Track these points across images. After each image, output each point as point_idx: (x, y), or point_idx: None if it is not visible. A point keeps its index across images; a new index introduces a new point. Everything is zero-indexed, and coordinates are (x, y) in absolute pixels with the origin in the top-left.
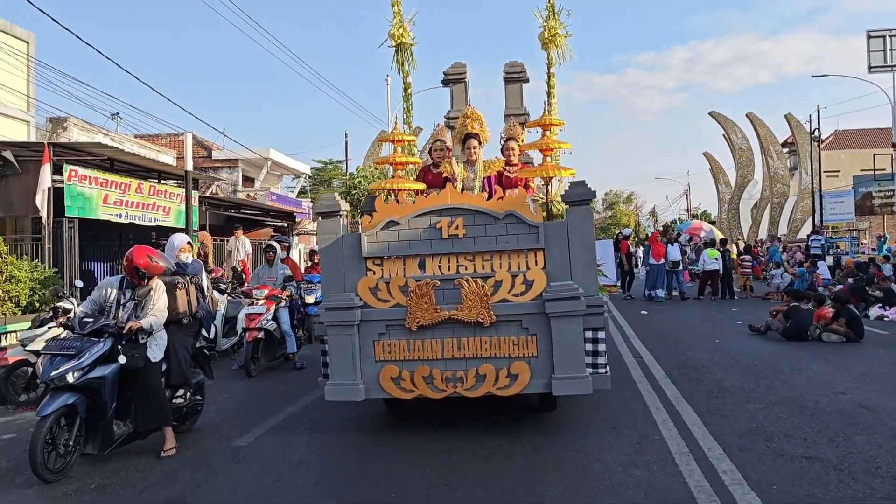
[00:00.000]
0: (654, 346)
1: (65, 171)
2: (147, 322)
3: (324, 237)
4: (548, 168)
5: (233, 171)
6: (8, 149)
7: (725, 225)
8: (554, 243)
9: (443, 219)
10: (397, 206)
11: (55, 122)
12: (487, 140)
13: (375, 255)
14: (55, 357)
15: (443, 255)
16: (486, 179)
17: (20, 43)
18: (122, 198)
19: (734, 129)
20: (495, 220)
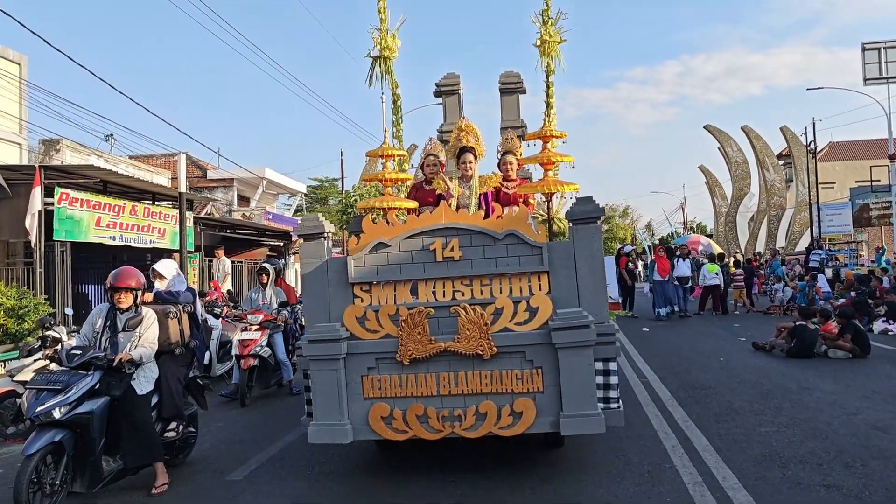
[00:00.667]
0: (659, 366)
1: (56, 193)
2: (137, 353)
3: (306, 261)
4: (549, 183)
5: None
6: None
7: (723, 238)
8: (559, 266)
9: (437, 240)
10: (386, 227)
11: (48, 145)
12: (483, 154)
13: (363, 281)
14: (41, 392)
15: (437, 279)
16: (483, 196)
17: (13, 65)
18: (115, 220)
19: (729, 142)
20: (494, 241)
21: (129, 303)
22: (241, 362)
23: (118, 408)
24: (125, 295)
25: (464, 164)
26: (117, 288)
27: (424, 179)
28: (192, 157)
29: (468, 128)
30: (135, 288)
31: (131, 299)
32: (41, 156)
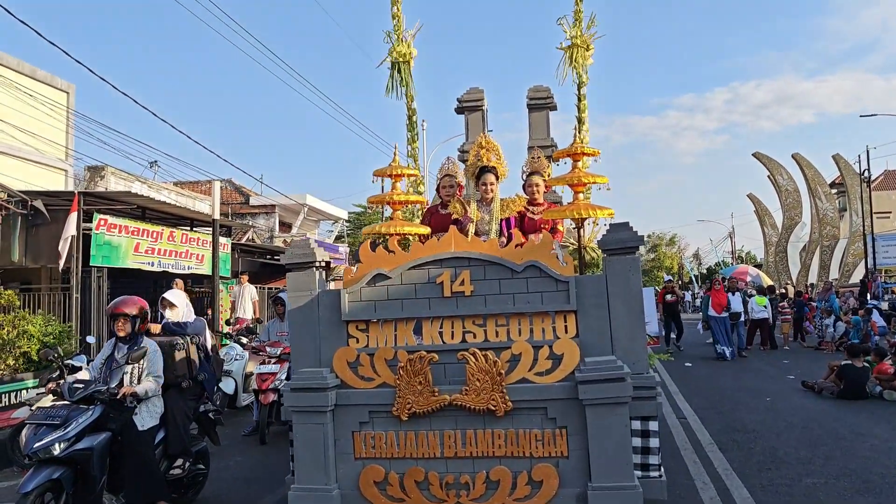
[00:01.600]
0: (700, 405)
1: (94, 220)
2: (142, 388)
3: (294, 295)
4: (579, 207)
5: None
6: (38, 198)
7: (773, 269)
8: (590, 304)
9: (445, 271)
10: (387, 256)
11: (93, 171)
12: (506, 175)
13: (358, 319)
14: (39, 427)
15: (445, 318)
16: (504, 222)
17: (61, 94)
18: (153, 246)
19: (779, 171)
20: (513, 274)
21: (128, 330)
22: (260, 397)
23: (120, 443)
24: (123, 322)
25: (483, 185)
26: (115, 315)
27: (440, 203)
28: (235, 184)
29: (489, 145)
30: (133, 315)
31: (130, 327)
32: (86, 182)
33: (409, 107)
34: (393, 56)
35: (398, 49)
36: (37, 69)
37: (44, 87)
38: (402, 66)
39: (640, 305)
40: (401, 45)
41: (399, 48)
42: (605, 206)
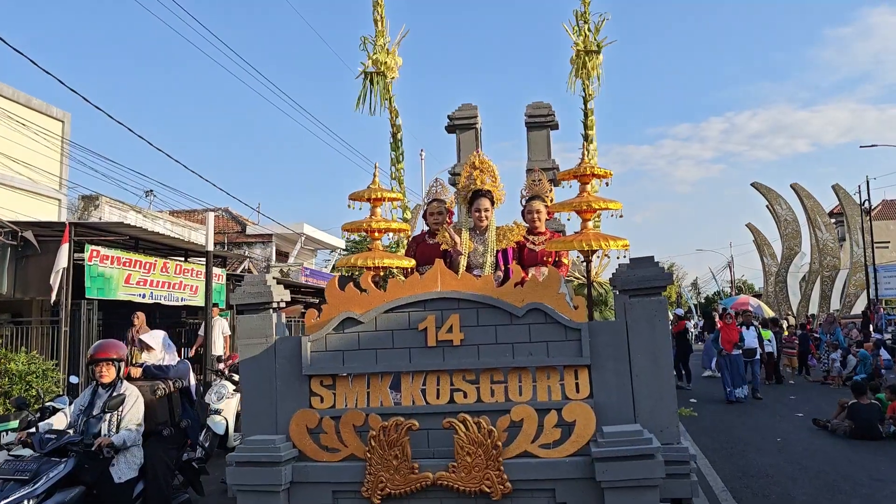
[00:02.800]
0: (709, 446)
1: (86, 251)
2: (120, 438)
3: (246, 342)
4: (588, 237)
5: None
6: (29, 229)
7: (773, 299)
8: (606, 357)
9: (429, 315)
10: (359, 296)
11: (87, 201)
12: (502, 200)
13: (323, 373)
14: (7, 482)
15: (429, 372)
16: (501, 253)
17: (56, 123)
18: (145, 277)
19: (778, 200)
20: (511, 318)
21: (112, 376)
22: None
23: (96, 498)
24: (107, 367)
25: (477, 212)
26: (97, 360)
27: (428, 231)
28: (231, 213)
29: (483, 165)
30: (117, 359)
31: (114, 372)
32: (80, 212)
33: (392, 123)
34: (372, 65)
35: (379, 58)
36: (32, 98)
37: (39, 116)
38: (377, 77)
39: (669, 358)
40: (381, 54)
41: (380, 57)
42: (619, 237)
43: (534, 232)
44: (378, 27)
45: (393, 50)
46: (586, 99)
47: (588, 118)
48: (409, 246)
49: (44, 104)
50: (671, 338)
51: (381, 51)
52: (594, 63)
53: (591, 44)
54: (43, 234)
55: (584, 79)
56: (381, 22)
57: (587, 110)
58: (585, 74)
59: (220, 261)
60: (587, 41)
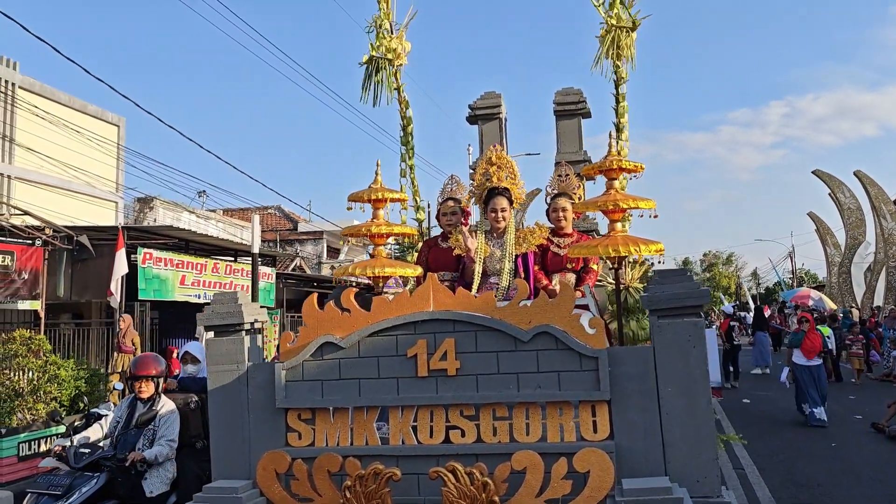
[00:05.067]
0: (759, 451)
1: (139, 253)
2: (152, 453)
3: (214, 370)
4: (616, 240)
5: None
6: (83, 233)
7: (836, 290)
8: (630, 390)
9: (419, 340)
10: (340, 316)
11: (142, 203)
12: (522, 199)
13: (300, 406)
14: (41, 497)
15: (420, 407)
16: (521, 258)
17: (111, 128)
18: (198, 278)
19: (841, 188)
20: (516, 344)
21: (151, 392)
22: None
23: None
24: (146, 384)
25: (493, 212)
26: (137, 377)
27: (441, 234)
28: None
29: (500, 161)
30: (156, 376)
31: (153, 388)
32: (136, 214)
33: (402, 114)
34: (378, 51)
35: (385, 44)
36: (87, 104)
37: (95, 122)
38: (383, 63)
39: (706, 392)
40: (386, 39)
41: (386, 42)
42: (653, 240)
43: (559, 234)
44: (384, 9)
45: (400, 33)
46: (617, 83)
47: (619, 104)
48: (420, 251)
49: (99, 110)
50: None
51: (386, 35)
52: (627, 41)
53: (624, 20)
54: (97, 237)
55: (614, 60)
56: (387, 3)
57: (618, 95)
58: (616, 55)
59: (270, 260)
60: (619, 17)
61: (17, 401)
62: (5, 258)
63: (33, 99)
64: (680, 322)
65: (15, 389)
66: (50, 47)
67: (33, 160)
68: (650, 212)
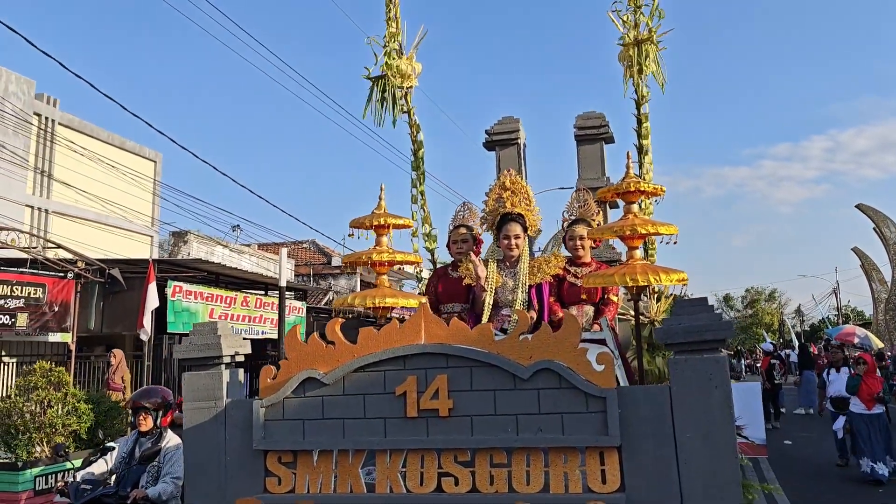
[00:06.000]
0: (800, 497)
1: (169, 287)
2: (155, 491)
3: (191, 407)
4: (634, 269)
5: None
6: (115, 266)
7: (883, 327)
8: (643, 434)
9: (409, 376)
10: (323, 349)
11: (177, 237)
12: (537, 227)
13: (280, 448)
14: None
15: (410, 451)
16: (535, 289)
17: (148, 163)
18: (227, 311)
19: (886, 223)
20: (515, 381)
21: (149, 425)
22: None
23: None
24: (144, 416)
25: (506, 239)
26: (136, 408)
27: (451, 263)
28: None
29: (514, 185)
30: (153, 408)
31: (151, 421)
32: (171, 248)
33: (413, 138)
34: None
35: (391, 63)
36: (126, 141)
37: (132, 158)
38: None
39: (731, 439)
40: (396, 59)
41: (395, 62)
42: (675, 269)
43: (577, 263)
44: (392, 28)
45: (411, 55)
46: (639, 102)
47: (642, 125)
48: (429, 280)
49: (137, 146)
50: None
51: (395, 55)
52: (648, 57)
53: (645, 34)
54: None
55: (634, 76)
56: (396, 22)
57: (640, 115)
58: (637, 72)
59: (301, 293)
60: (637, 31)
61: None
62: (36, 290)
63: (73, 135)
64: (700, 358)
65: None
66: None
67: (71, 195)
68: (670, 238)
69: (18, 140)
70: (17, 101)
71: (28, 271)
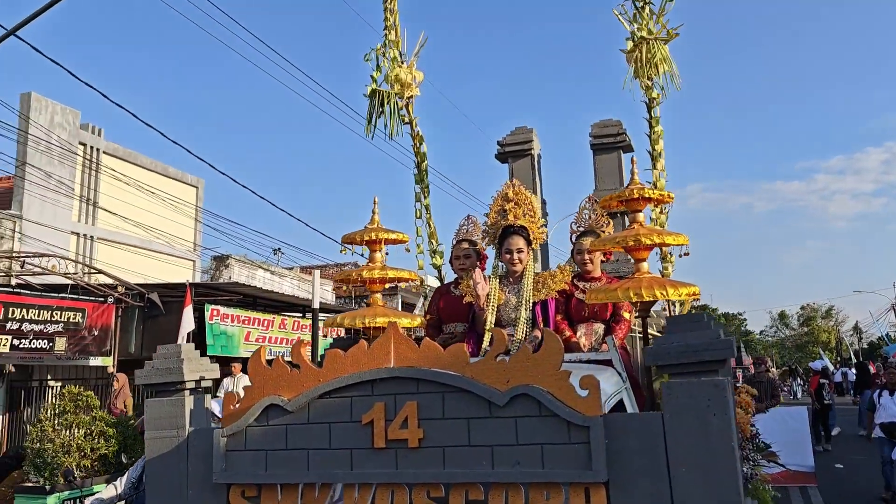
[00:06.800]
0: None
1: (206, 310)
2: None
3: (152, 436)
4: (638, 283)
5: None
6: (154, 291)
7: None
8: (633, 469)
9: (376, 403)
10: (288, 374)
11: (218, 261)
12: (542, 239)
13: (242, 481)
14: None
15: (379, 486)
16: (540, 306)
17: (190, 189)
18: (264, 334)
19: None
20: (491, 409)
21: None
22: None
23: None
24: None
25: (508, 253)
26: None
27: (454, 281)
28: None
29: (518, 196)
30: None
31: None
32: (213, 272)
33: (416, 150)
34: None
35: (392, 73)
36: (168, 167)
37: (175, 184)
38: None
39: (733, 474)
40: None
41: (395, 71)
42: (687, 283)
43: (586, 277)
44: (391, 37)
45: (411, 63)
46: (650, 105)
47: (653, 129)
48: (432, 299)
49: (179, 172)
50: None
51: (395, 64)
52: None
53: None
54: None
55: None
56: (396, 31)
57: (651, 119)
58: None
59: None
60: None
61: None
62: (76, 315)
63: (117, 163)
64: (696, 382)
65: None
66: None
67: (115, 221)
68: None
69: (65, 170)
70: (63, 131)
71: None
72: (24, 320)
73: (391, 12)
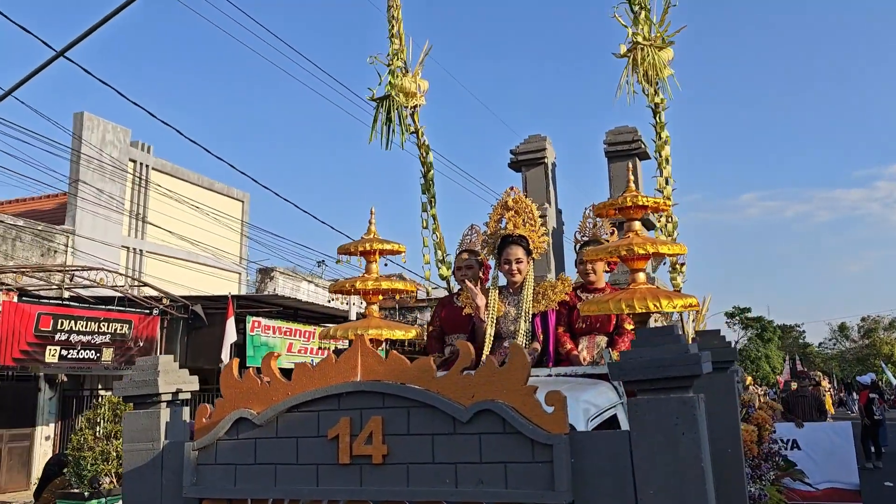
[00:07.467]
0: None
1: (247, 322)
2: None
3: (130, 449)
4: (631, 295)
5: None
6: (198, 303)
7: None
8: (598, 490)
9: (342, 417)
10: (257, 387)
11: (263, 274)
12: (544, 249)
13: (212, 496)
14: None
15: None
16: (541, 318)
17: (236, 203)
18: (305, 345)
19: None
20: (455, 425)
21: None
22: None
23: None
24: None
25: (507, 263)
26: None
27: (457, 292)
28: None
29: (518, 205)
30: None
31: None
32: (258, 284)
33: (422, 160)
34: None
35: (396, 81)
36: (214, 182)
37: (221, 199)
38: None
39: (703, 491)
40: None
41: (400, 81)
42: (686, 294)
43: (588, 288)
44: (396, 45)
45: (416, 72)
46: (655, 110)
47: (659, 134)
48: (434, 310)
49: (225, 187)
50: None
51: (399, 73)
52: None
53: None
54: (211, 306)
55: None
56: (400, 39)
57: (657, 124)
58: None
59: None
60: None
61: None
62: (122, 326)
63: (165, 179)
64: (664, 399)
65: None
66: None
67: (163, 236)
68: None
69: (115, 186)
70: (113, 149)
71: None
72: (73, 331)
73: (395, 21)
